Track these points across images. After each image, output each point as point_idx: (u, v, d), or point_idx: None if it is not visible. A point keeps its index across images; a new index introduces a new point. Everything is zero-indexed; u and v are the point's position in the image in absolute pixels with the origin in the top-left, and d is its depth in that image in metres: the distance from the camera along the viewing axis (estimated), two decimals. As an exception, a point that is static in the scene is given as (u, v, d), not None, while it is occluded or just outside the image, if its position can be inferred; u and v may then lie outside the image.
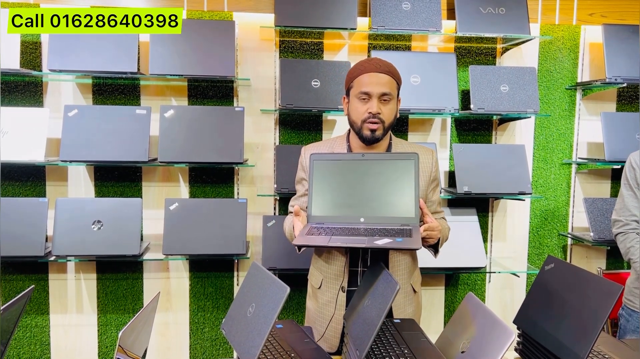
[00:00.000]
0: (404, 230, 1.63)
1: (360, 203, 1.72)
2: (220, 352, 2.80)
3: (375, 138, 1.80)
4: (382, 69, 1.79)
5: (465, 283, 2.92)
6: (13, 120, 2.43)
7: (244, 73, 2.70)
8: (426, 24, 2.57)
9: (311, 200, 1.75)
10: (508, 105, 2.62)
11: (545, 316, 1.60)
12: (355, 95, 1.80)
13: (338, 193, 1.74)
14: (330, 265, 1.89)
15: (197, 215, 2.52)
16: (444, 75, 2.62)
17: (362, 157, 1.74)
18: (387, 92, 1.77)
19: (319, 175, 1.75)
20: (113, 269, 2.72)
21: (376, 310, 1.40)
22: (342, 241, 1.57)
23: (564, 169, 2.92)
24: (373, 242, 1.55)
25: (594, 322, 1.40)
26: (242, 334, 1.40)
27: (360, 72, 1.80)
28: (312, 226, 1.70)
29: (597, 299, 1.43)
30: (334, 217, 1.73)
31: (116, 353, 1.28)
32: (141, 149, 2.46)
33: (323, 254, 1.93)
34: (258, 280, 1.48)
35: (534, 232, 2.94)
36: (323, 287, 1.90)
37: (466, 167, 2.62)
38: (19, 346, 2.69)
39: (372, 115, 1.77)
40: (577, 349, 1.40)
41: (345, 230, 1.65)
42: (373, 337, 1.32)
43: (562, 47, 2.87)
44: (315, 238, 1.61)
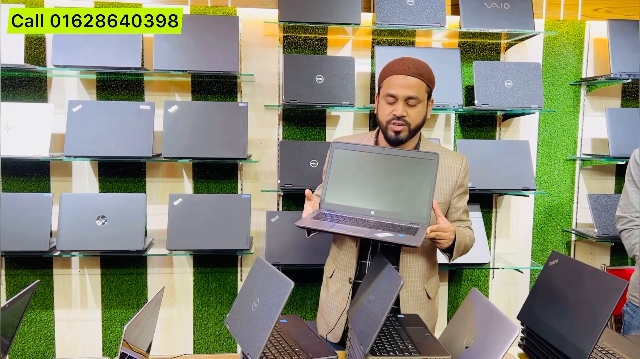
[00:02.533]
0: (410, 228, 1.64)
1: (373, 197, 1.73)
2: (224, 347, 2.81)
3: (400, 139, 1.79)
4: (411, 72, 1.76)
5: (468, 279, 2.92)
6: (17, 116, 2.44)
7: (248, 69, 2.70)
8: (430, 20, 2.56)
9: (326, 186, 1.77)
10: (512, 101, 2.61)
11: (550, 311, 1.60)
12: (383, 96, 1.80)
13: (353, 184, 1.75)
14: (342, 255, 1.90)
15: (201, 210, 2.52)
16: (448, 70, 2.61)
17: (382, 151, 1.75)
18: (414, 95, 1.75)
19: (338, 163, 1.76)
20: (117, 264, 2.73)
21: (380, 305, 1.40)
22: (344, 229, 1.59)
23: (568, 165, 2.91)
24: (373, 234, 1.56)
25: (599, 318, 1.40)
26: (247, 328, 1.41)
27: (390, 73, 1.80)
28: (322, 211, 1.72)
29: (601, 294, 1.43)
30: (345, 207, 1.74)
31: (121, 347, 1.29)
32: (145, 145, 2.46)
33: (337, 243, 1.94)
34: (262, 275, 1.49)
35: (538, 228, 2.93)
36: (334, 277, 1.92)
37: (470, 163, 2.59)
38: (23, 341, 2.70)
39: (396, 117, 1.76)
40: (581, 344, 1.40)
41: (352, 219, 1.66)
42: (377, 332, 1.32)
43: (567, 42, 2.86)
44: (319, 222, 1.62)
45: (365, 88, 2.77)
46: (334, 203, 1.75)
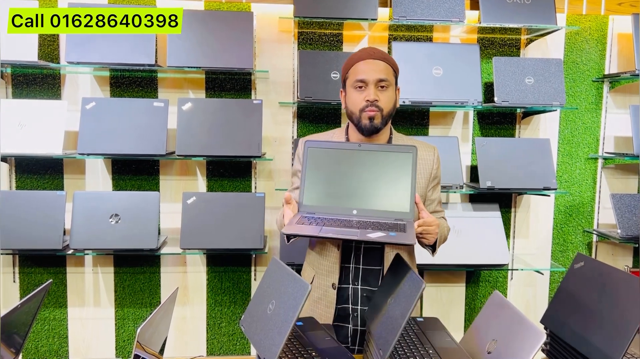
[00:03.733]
0: (397, 225, 1.58)
1: (353, 195, 1.67)
2: (237, 347, 2.78)
3: (375, 127, 1.73)
4: (377, 56, 1.73)
5: (486, 280, 2.86)
6: (31, 113, 2.42)
7: (262, 66, 2.66)
8: (449, 14, 2.50)
9: (303, 188, 1.69)
10: (533, 98, 2.54)
11: (575, 316, 1.54)
12: (352, 85, 1.74)
13: (331, 183, 1.68)
14: (322, 260, 1.82)
15: (215, 209, 2.49)
16: (467, 67, 2.55)
17: (358, 147, 1.69)
18: (384, 77, 1.71)
19: (313, 163, 1.70)
20: (130, 263, 2.71)
21: (400, 309, 1.35)
22: (334, 232, 1.51)
23: (589, 164, 2.84)
24: (366, 235, 1.49)
25: (629, 323, 1.34)
26: (262, 332, 1.37)
27: (355, 61, 1.74)
28: (303, 215, 1.64)
29: (630, 299, 1.37)
30: (325, 208, 1.67)
31: (134, 349, 1.26)
32: (159, 142, 2.43)
33: (316, 248, 1.86)
34: (278, 277, 1.44)
35: (558, 228, 2.87)
36: (315, 283, 1.83)
37: (489, 162, 2.55)
38: (37, 339, 2.69)
39: (370, 102, 1.70)
40: (609, 351, 1.34)
41: (336, 221, 1.59)
42: (397, 337, 1.28)
43: (589, 37, 2.78)
44: (306, 227, 1.55)
45: (381, 85, 2.72)
46: (314, 204, 1.68)
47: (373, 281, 1.79)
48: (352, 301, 1.79)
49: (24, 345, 1.48)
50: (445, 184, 2.49)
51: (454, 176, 2.53)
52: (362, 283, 1.78)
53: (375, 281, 1.79)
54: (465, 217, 2.64)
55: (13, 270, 2.65)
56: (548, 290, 2.89)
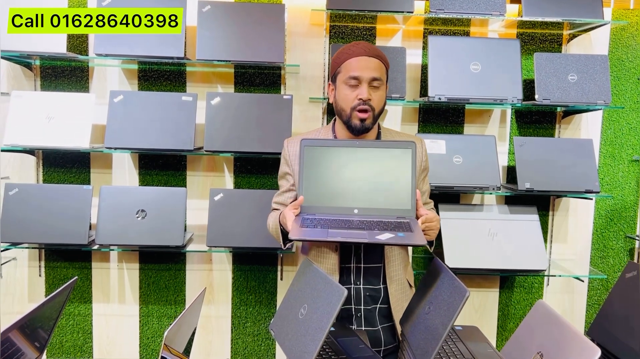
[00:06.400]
0: (402, 224, 1.53)
1: (353, 193, 1.62)
2: (261, 348, 2.72)
3: (365, 127, 1.69)
4: (372, 53, 1.68)
5: (521, 285, 2.75)
6: (59, 106, 2.39)
7: (293, 60, 2.58)
8: (489, 8, 2.39)
9: (302, 189, 1.64)
10: (576, 96, 2.42)
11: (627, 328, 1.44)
12: (344, 81, 1.68)
13: (330, 182, 1.63)
14: (321, 262, 1.77)
15: (242, 206, 2.42)
16: (506, 63, 2.43)
17: (356, 144, 1.64)
18: (378, 76, 1.67)
19: (310, 162, 1.64)
20: (156, 259, 2.66)
21: (440, 318, 1.27)
22: (342, 235, 1.46)
23: (633, 166, 2.70)
24: (375, 237, 1.44)
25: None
26: (294, 337, 1.29)
27: (349, 55, 1.68)
28: (304, 217, 1.59)
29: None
30: (325, 208, 1.62)
31: (161, 351, 1.21)
32: (187, 137, 2.38)
33: (312, 250, 1.80)
34: (310, 280, 1.37)
35: (598, 234, 2.73)
36: None
37: (528, 162, 2.44)
38: (62, 334, 2.67)
39: (363, 101, 1.65)
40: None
41: (339, 222, 1.54)
42: (438, 348, 1.20)
43: (636, 33, 2.64)
44: (311, 231, 1.49)
45: (415, 80, 2.63)
46: (314, 205, 1.63)
47: (374, 279, 1.76)
48: (355, 301, 1.75)
49: (50, 340, 1.46)
50: (481, 185, 2.39)
51: (490, 177, 2.42)
52: (364, 283, 1.75)
53: (377, 280, 1.76)
54: (501, 220, 2.53)
55: (39, 264, 2.63)
56: (586, 297, 2.76)
